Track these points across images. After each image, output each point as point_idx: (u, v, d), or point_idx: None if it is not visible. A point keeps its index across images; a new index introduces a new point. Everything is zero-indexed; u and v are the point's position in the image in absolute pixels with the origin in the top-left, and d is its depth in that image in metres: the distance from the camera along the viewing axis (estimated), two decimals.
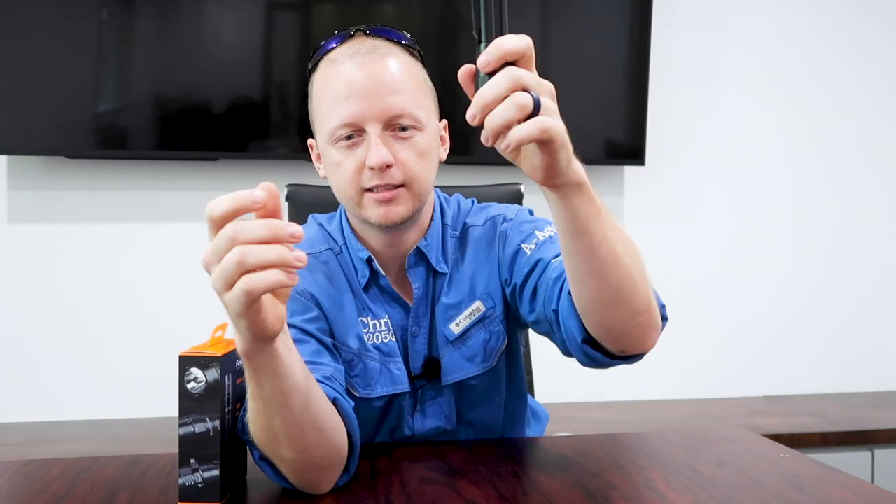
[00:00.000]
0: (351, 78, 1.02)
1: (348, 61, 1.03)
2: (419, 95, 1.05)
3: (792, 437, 2.18)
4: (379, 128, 1.02)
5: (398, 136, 1.03)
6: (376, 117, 1.02)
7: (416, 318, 1.13)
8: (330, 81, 1.04)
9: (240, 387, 0.94)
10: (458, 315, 1.13)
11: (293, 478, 0.92)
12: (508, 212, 1.18)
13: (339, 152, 1.04)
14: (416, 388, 1.13)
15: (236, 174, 2.36)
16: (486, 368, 1.14)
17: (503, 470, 1.02)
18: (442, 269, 1.13)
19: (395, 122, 1.03)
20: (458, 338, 1.13)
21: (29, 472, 1.04)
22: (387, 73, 1.03)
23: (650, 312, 0.94)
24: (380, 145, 1.01)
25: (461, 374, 1.13)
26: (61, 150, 2.24)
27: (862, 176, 2.73)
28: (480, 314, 1.13)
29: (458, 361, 1.13)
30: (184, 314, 2.30)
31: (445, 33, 2.43)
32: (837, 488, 0.95)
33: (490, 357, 1.14)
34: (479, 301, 1.13)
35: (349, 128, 1.03)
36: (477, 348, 1.13)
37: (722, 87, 2.64)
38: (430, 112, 1.08)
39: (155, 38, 2.26)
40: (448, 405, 1.15)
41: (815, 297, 2.71)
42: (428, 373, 1.13)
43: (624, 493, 0.95)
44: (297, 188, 1.48)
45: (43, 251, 2.29)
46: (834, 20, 2.69)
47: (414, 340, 1.13)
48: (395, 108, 1.02)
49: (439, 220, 1.16)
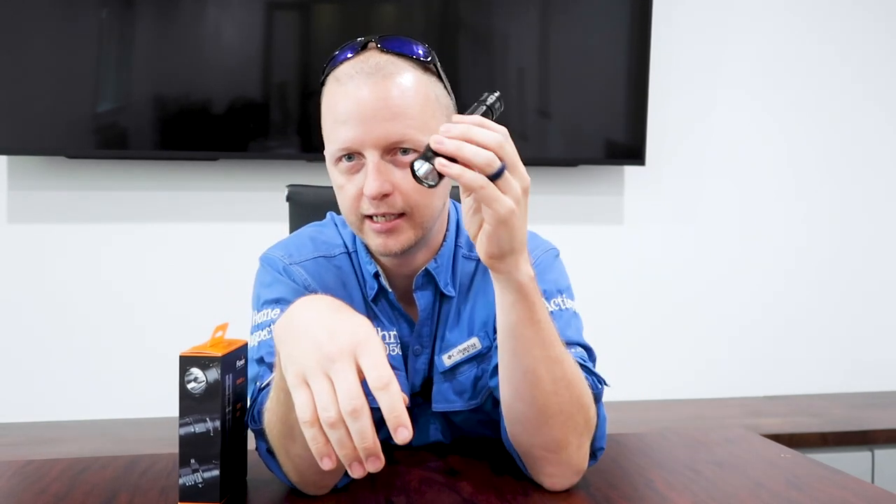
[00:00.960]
0: (350, 101, 0.97)
1: (350, 82, 0.98)
2: (425, 118, 0.98)
3: (792, 437, 2.18)
4: (377, 154, 0.97)
5: (399, 161, 0.97)
6: (374, 144, 0.96)
7: (420, 337, 1.10)
8: (332, 102, 1.00)
9: (240, 387, 0.94)
10: (451, 348, 1.09)
11: (297, 476, 0.92)
12: (535, 250, 1.09)
13: (341, 175, 1.01)
14: (414, 404, 1.11)
15: (236, 174, 2.36)
16: (472, 406, 1.10)
17: (503, 470, 1.02)
18: (449, 293, 1.10)
19: (395, 147, 0.97)
20: (449, 370, 1.09)
21: (29, 472, 1.04)
22: (388, 97, 0.96)
23: (564, 452, 0.92)
24: (375, 175, 0.96)
25: (447, 405, 1.10)
26: (61, 150, 2.24)
27: (864, 176, 2.73)
28: (475, 351, 1.09)
29: (446, 393, 1.10)
30: (184, 314, 2.30)
31: (445, 34, 2.43)
32: (837, 488, 0.95)
33: (478, 395, 1.09)
34: (476, 338, 1.09)
35: (347, 151, 0.99)
36: (466, 384, 1.09)
37: (722, 86, 2.64)
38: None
39: (155, 38, 2.26)
40: (444, 426, 1.14)
41: (815, 298, 2.71)
42: (425, 393, 1.11)
43: (624, 493, 0.95)
44: (297, 189, 1.47)
45: (43, 251, 2.29)
46: (834, 18, 2.68)
47: (416, 359, 1.11)
48: (392, 134, 0.96)
49: (452, 241, 1.12)
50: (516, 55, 2.45)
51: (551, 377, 0.88)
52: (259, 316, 1.07)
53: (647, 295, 2.59)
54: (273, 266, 1.11)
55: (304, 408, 0.72)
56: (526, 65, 2.44)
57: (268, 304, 1.07)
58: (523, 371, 0.88)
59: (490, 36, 2.44)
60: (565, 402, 0.90)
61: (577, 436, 0.93)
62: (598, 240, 2.57)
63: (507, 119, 0.87)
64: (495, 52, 2.44)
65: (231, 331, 0.95)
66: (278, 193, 2.36)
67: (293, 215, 1.44)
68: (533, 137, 2.47)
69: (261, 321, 1.06)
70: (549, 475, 0.95)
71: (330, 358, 0.72)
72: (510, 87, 2.43)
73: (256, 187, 2.37)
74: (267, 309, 1.06)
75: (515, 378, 0.89)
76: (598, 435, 0.96)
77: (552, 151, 2.49)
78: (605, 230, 2.57)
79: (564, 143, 2.50)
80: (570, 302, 1.09)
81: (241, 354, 0.95)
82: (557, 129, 2.49)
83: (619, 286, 2.58)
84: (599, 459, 1.00)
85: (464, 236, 1.13)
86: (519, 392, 0.90)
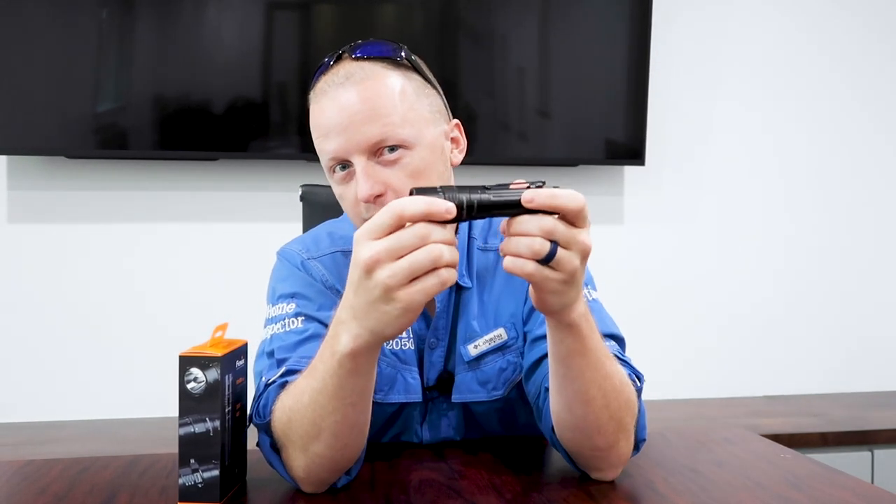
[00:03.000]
0: (328, 114, 1.01)
1: (323, 97, 1.02)
2: (403, 111, 1.00)
3: (792, 437, 2.18)
4: (363, 159, 0.99)
5: (386, 160, 1.00)
6: (357, 149, 0.99)
7: (436, 330, 1.11)
8: (314, 119, 1.04)
9: (240, 387, 0.94)
10: (478, 337, 1.11)
11: (305, 473, 0.92)
12: None
13: (338, 185, 1.04)
14: (428, 399, 1.12)
15: (236, 174, 2.36)
16: (496, 397, 1.12)
17: (503, 470, 1.02)
18: (465, 284, 1.11)
19: (380, 148, 0.99)
20: (475, 360, 1.11)
21: (29, 472, 1.04)
22: (363, 102, 0.99)
23: (614, 450, 0.96)
24: (364, 178, 0.98)
25: (470, 395, 1.12)
26: (61, 150, 2.24)
27: (865, 174, 2.72)
28: (501, 342, 1.11)
29: (470, 383, 1.11)
30: (184, 314, 2.30)
31: (445, 34, 2.43)
32: (837, 489, 0.95)
33: (502, 387, 1.12)
34: (503, 328, 1.12)
35: (335, 162, 1.02)
36: (491, 374, 1.11)
37: (722, 86, 2.64)
38: (423, 124, 1.03)
39: (155, 38, 2.26)
40: (458, 420, 1.14)
41: (816, 297, 2.71)
42: (441, 386, 1.12)
43: (624, 493, 0.95)
44: (311, 188, 1.46)
45: (43, 251, 2.29)
46: (834, 21, 2.68)
47: (431, 353, 1.11)
48: (372, 136, 0.98)
49: (465, 233, 1.14)
50: (516, 55, 2.44)
51: (602, 393, 0.91)
52: (274, 310, 1.08)
53: (647, 295, 2.59)
54: (291, 260, 1.12)
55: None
56: (526, 65, 2.44)
57: (283, 299, 1.08)
58: (575, 391, 0.91)
59: (490, 36, 2.43)
60: (615, 410, 0.92)
61: (626, 435, 0.96)
62: (597, 240, 2.52)
63: (507, 119, 0.87)
64: (495, 52, 2.44)
65: (231, 331, 0.95)
66: (278, 193, 2.38)
67: (306, 215, 1.45)
68: (533, 137, 2.47)
69: (275, 315, 1.07)
70: (598, 469, 0.98)
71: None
72: (510, 87, 2.42)
73: (256, 187, 2.37)
74: (282, 303, 1.07)
75: (566, 396, 0.92)
76: (639, 427, 0.99)
77: (552, 151, 2.49)
78: (604, 230, 2.57)
79: (564, 143, 2.49)
80: (594, 293, 1.13)
81: (241, 354, 0.95)
82: (557, 130, 2.49)
83: (618, 286, 2.57)
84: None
85: (477, 228, 1.15)
86: (571, 408, 0.92)
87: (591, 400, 0.90)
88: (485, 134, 2.41)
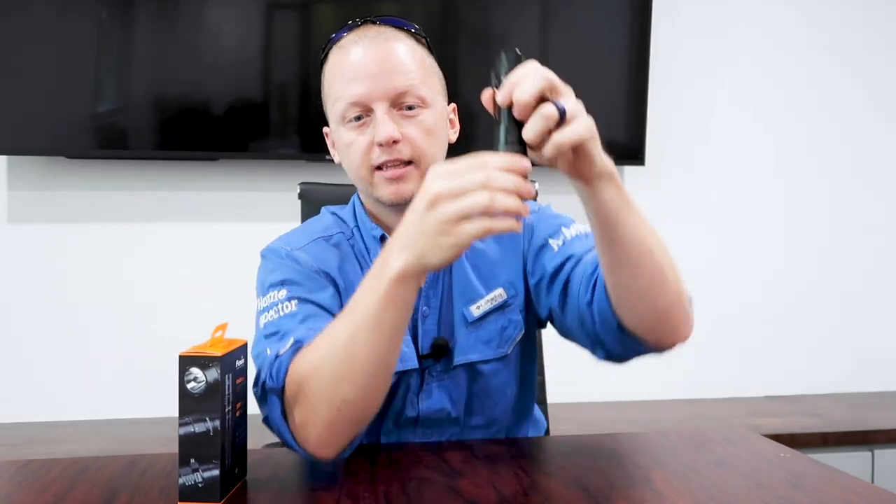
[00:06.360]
0: (357, 61, 1.08)
1: (354, 46, 1.09)
2: (424, 75, 1.10)
3: (792, 437, 2.18)
4: (385, 106, 1.07)
5: (405, 114, 1.08)
6: (382, 96, 1.06)
7: (427, 298, 1.14)
8: (338, 66, 1.10)
9: (240, 386, 0.94)
10: (479, 298, 1.15)
11: (326, 427, 0.92)
12: (532, 204, 1.20)
13: (350, 132, 1.09)
14: (424, 367, 1.13)
15: (236, 174, 2.36)
16: (500, 354, 1.15)
17: (503, 470, 1.02)
18: None
19: (401, 101, 1.08)
20: (477, 320, 1.14)
21: (29, 472, 1.04)
22: (391, 55, 1.08)
23: (682, 303, 1.00)
24: (386, 121, 1.06)
25: (475, 355, 1.14)
26: (61, 150, 2.24)
27: (866, 174, 2.72)
28: (501, 300, 1.16)
29: (474, 343, 1.14)
30: (184, 314, 2.30)
31: (445, 34, 2.43)
32: (838, 489, 0.95)
33: (505, 344, 1.16)
34: (502, 288, 1.16)
35: (357, 107, 1.08)
36: (493, 333, 1.15)
37: (722, 86, 2.64)
38: (437, 91, 1.12)
39: (155, 38, 2.26)
40: (456, 388, 1.15)
41: (816, 297, 2.71)
42: (436, 353, 1.13)
43: (624, 493, 0.95)
44: (309, 186, 1.48)
45: (43, 251, 2.29)
46: (835, 22, 2.68)
47: (424, 320, 1.13)
48: (399, 86, 1.07)
49: None
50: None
51: (657, 240, 0.96)
52: (264, 300, 1.08)
53: None
54: (276, 254, 1.14)
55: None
56: None
57: (273, 287, 1.09)
58: (638, 245, 0.93)
59: (490, 36, 2.43)
60: (667, 251, 0.97)
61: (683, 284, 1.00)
62: None
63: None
64: (495, 52, 2.43)
65: (231, 331, 0.95)
66: (278, 193, 2.38)
67: (305, 213, 1.45)
68: None
69: (267, 304, 1.07)
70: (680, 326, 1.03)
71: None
72: None
73: (256, 187, 2.37)
74: (273, 291, 1.08)
75: (632, 255, 0.94)
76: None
77: None
78: None
79: None
80: (584, 227, 1.16)
81: (241, 354, 0.95)
82: None
83: None
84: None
85: None
86: (638, 269, 0.95)
87: (652, 249, 0.94)
88: (485, 134, 2.41)
